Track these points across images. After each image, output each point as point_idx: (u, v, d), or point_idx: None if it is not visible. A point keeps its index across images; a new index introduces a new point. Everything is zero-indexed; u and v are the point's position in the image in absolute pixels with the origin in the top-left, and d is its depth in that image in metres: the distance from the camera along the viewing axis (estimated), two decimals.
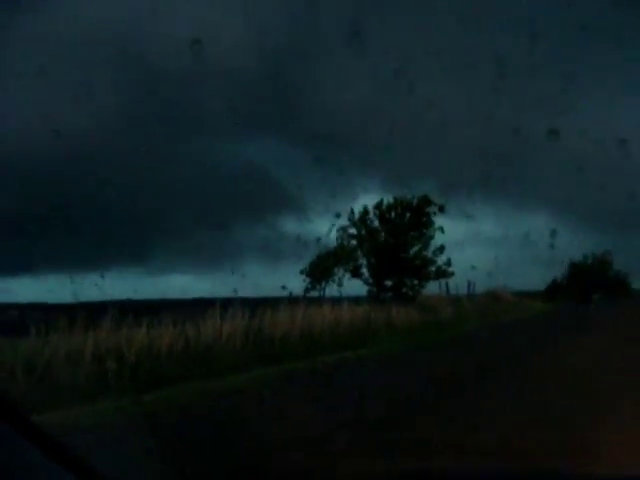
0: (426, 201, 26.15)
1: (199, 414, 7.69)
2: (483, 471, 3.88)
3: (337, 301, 20.16)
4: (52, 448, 1.84)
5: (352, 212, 26.22)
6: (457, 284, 29.72)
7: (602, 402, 7.54)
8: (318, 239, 25.15)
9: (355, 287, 26.79)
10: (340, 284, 25.67)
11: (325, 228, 25.63)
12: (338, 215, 23.30)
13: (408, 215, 26.44)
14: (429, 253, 26.66)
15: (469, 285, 31.91)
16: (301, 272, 25.13)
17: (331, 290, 25.27)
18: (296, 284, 24.35)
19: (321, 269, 25.43)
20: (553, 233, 18.87)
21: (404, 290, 26.87)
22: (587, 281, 46.88)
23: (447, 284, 28.24)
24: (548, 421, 6.53)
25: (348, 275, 26.10)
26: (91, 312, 11.45)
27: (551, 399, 8.02)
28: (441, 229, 26.18)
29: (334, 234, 25.64)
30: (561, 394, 8.41)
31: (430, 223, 26.30)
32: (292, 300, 18.66)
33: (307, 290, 24.70)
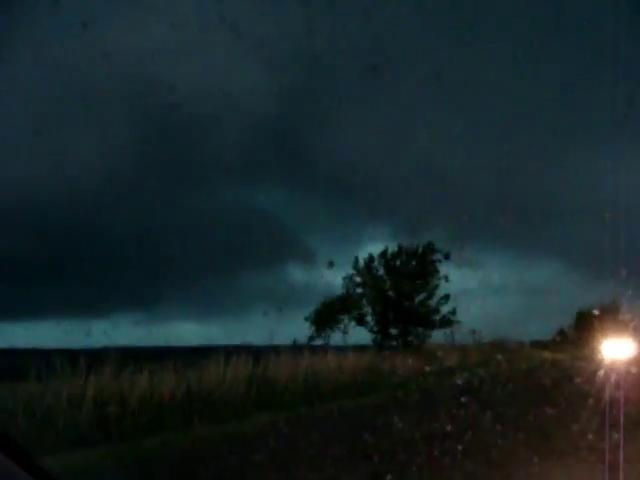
0: (431, 249, 26.22)
1: (194, 459, 7.66)
2: None
3: (342, 349, 20.07)
4: None
5: (357, 260, 26.31)
6: (463, 333, 29.51)
7: None
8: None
9: (360, 335, 26.62)
10: (346, 332, 25.56)
11: (332, 276, 25.39)
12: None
13: (413, 263, 26.48)
14: (434, 302, 26.58)
15: (474, 334, 31.65)
16: (305, 319, 25.01)
17: (335, 338, 25.10)
18: (301, 332, 24.12)
19: (326, 316, 25.31)
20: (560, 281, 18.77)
21: (410, 339, 26.70)
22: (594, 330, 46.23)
23: (452, 333, 28.04)
24: None
25: (353, 323, 26.02)
26: (93, 358, 11.48)
27: None
28: (445, 277, 26.16)
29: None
30: None
31: (435, 271, 26.31)
32: (296, 348, 18.60)
33: (311, 338, 24.56)
